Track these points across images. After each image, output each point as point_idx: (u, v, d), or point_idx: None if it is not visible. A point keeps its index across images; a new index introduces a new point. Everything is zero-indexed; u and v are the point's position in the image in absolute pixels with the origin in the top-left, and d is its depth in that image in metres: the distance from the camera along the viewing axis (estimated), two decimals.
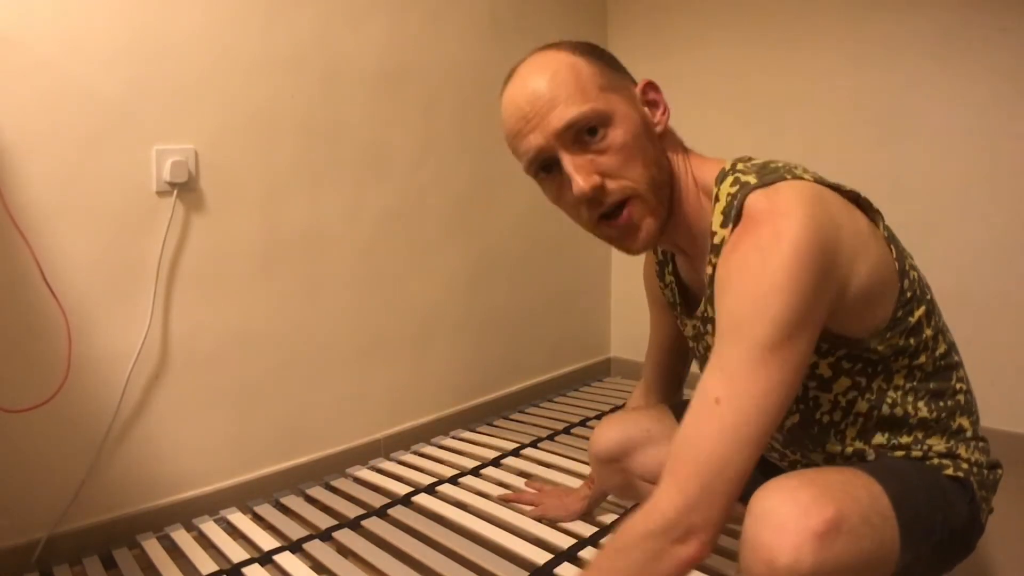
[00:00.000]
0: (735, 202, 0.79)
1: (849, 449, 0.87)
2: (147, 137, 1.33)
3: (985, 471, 0.87)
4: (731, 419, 0.69)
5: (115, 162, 1.30)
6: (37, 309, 1.23)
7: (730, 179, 0.82)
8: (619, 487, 1.18)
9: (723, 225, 0.81)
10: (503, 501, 1.41)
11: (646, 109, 0.86)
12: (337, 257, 1.64)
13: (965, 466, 0.84)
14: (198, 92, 1.39)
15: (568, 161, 0.81)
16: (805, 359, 0.72)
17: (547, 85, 0.81)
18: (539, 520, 1.32)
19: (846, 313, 0.78)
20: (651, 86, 0.88)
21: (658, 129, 0.86)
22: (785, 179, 0.78)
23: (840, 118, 1.82)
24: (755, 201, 0.76)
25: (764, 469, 0.99)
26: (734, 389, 0.70)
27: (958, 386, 0.88)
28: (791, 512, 0.67)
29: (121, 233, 1.32)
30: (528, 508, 1.37)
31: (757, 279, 0.71)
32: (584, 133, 0.81)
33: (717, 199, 0.82)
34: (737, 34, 1.98)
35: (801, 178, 0.79)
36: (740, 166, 0.83)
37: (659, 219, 0.85)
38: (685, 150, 0.90)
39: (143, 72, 1.32)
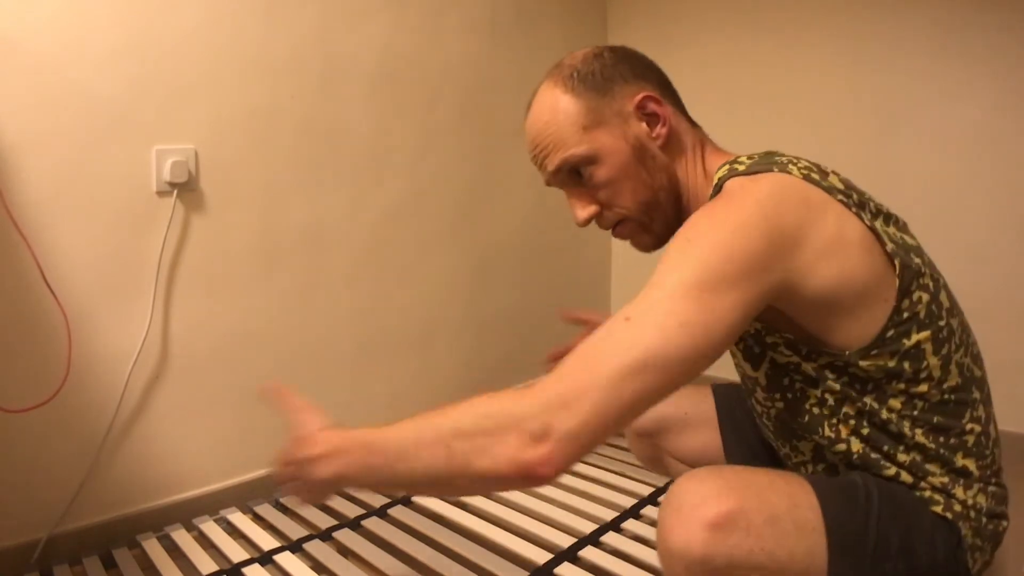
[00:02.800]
0: (718, 183, 0.83)
1: (841, 446, 0.83)
2: (147, 137, 1.33)
3: (984, 518, 0.81)
4: (634, 336, 0.66)
5: (115, 162, 1.30)
6: (37, 309, 1.23)
7: (726, 167, 0.85)
8: (649, 459, 1.23)
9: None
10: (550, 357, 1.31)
11: (644, 124, 0.88)
12: (337, 257, 1.64)
13: (958, 508, 0.80)
14: (198, 92, 1.39)
15: (568, 195, 0.92)
16: (728, 318, 0.68)
17: (538, 135, 0.89)
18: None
19: (809, 312, 0.77)
20: (650, 99, 0.88)
21: (658, 143, 0.89)
22: (772, 171, 0.79)
23: (840, 115, 1.82)
24: (731, 184, 0.80)
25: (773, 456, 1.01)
26: (647, 313, 0.68)
27: (969, 426, 0.82)
28: (690, 499, 0.71)
29: (121, 233, 1.32)
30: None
31: (696, 227, 0.74)
32: (574, 173, 0.89)
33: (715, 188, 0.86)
34: (737, 30, 1.98)
35: (790, 173, 0.79)
36: (742, 157, 0.86)
37: (653, 233, 0.92)
38: (698, 144, 0.92)
39: (143, 72, 1.32)
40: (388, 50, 1.70)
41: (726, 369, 1.55)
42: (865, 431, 0.82)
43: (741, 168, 0.82)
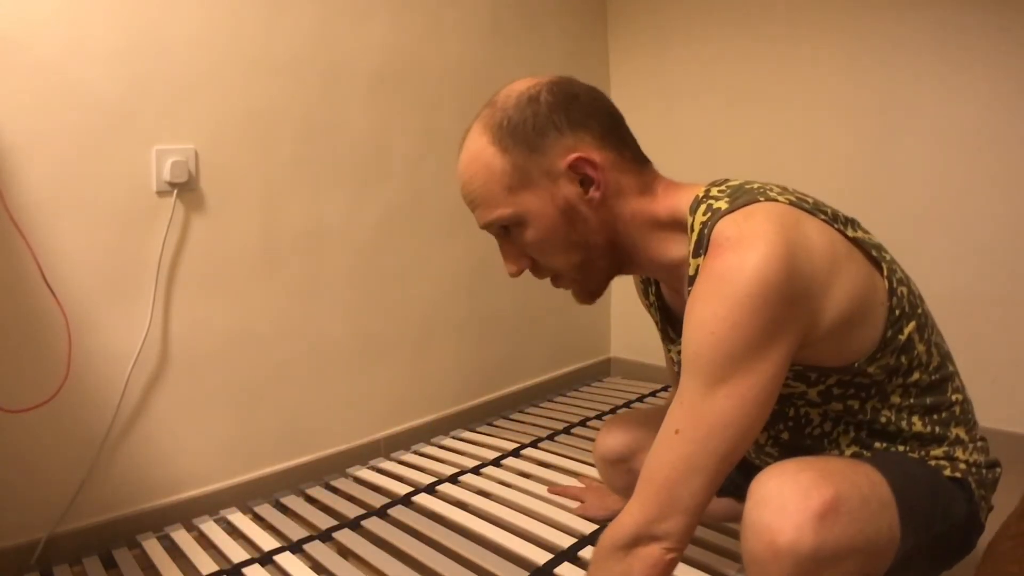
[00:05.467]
0: (705, 231, 0.78)
1: (847, 453, 0.87)
2: (147, 137, 1.33)
3: (984, 471, 0.87)
4: (687, 449, 0.73)
5: (115, 162, 1.30)
6: (37, 309, 1.23)
7: (703, 207, 0.80)
8: (626, 488, 1.17)
9: (695, 255, 0.79)
10: (551, 492, 1.43)
11: (577, 185, 0.83)
12: (337, 257, 1.64)
13: (963, 467, 0.84)
14: (198, 92, 1.39)
15: (500, 246, 0.90)
16: (769, 385, 0.73)
17: (467, 187, 0.86)
18: (581, 516, 1.32)
19: (826, 342, 0.77)
20: (583, 160, 0.82)
21: (592, 204, 0.84)
22: (758, 201, 0.77)
23: (840, 114, 1.82)
24: (724, 228, 0.75)
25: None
26: (690, 421, 0.74)
27: (954, 397, 0.87)
28: (792, 494, 0.69)
29: (121, 233, 1.32)
30: (573, 504, 1.37)
31: (715, 312, 0.72)
32: (503, 229, 0.87)
33: (692, 229, 0.81)
34: (737, 28, 1.98)
35: (775, 200, 0.77)
36: (714, 191, 0.81)
37: (589, 288, 0.90)
38: (648, 186, 0.86)
39: (143, 72, 1.32)
40: (388, 50, 1.70)
41: None
42: (863, 433, 0.86)
43: (720, 205, 0.78)
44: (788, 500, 0.68)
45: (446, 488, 1.48)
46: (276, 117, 1.51)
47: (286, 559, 1.23)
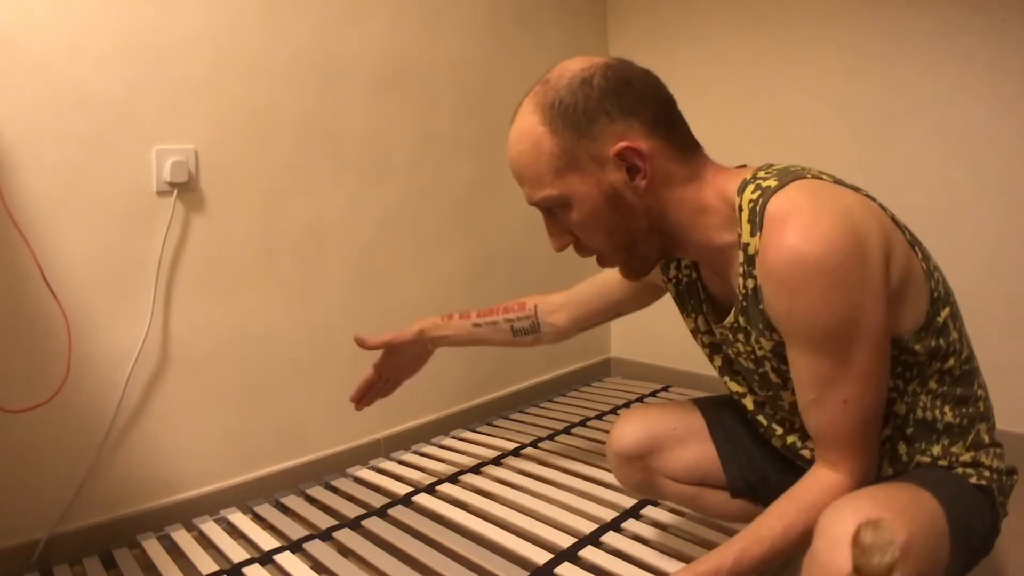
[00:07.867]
0: (757, 208, 0.80)
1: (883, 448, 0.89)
2: (147, 137, 1.33)
3: (1004, 478, 0.89)
4: (860, 412, 0.80)
5: (115, 162, 1.30)
6: (37, 309, 1.23)
7: (751, 187, 0.82)
8: (637, 485, 1.15)
9: (752, 234, 0.81)
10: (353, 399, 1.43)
11: (624, 172, 0.83)
12: (337, 257, 1.64)
13: (987, 474, 0.86)
14: (198, 92, 1.39)
15: (545, 222, 0.91)
16: (884, 329, 0.78)
17: (515, 162, 0.88)
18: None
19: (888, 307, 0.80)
20: (630, 150, 0.82)
21: (641, 186, 0.84)
22: (804, 178, 0.80)
23: (841, 114, 1.82)
24: (779, 203, 0.78)
25: (766, 448, 1.04)
26: (853, 388, 0.79)
27: (979, 392, 0.89)
28: None
29: (121, 233, 1.32)
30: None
31: (818, 297, 0.75)
32: (548, 208, 0.89)
33: (741, 209, 0.83)
34: (738, 29, 1.98)
35: (820, 178, 0.81)
36: (761, 174, 0.84)
37: (633, 266, 0.92)
38: (698, 172, 0.87)
39: (143, 72, 1.32)
40: (388, 50, 1.70)
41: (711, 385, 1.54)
42: (903, 425, 0.88)
43: (770, 183, 0.80)
44: None
45: (446, 488, 1.48)
46: (276, 117, 1.51)
47: (286, 559, 1.23)
